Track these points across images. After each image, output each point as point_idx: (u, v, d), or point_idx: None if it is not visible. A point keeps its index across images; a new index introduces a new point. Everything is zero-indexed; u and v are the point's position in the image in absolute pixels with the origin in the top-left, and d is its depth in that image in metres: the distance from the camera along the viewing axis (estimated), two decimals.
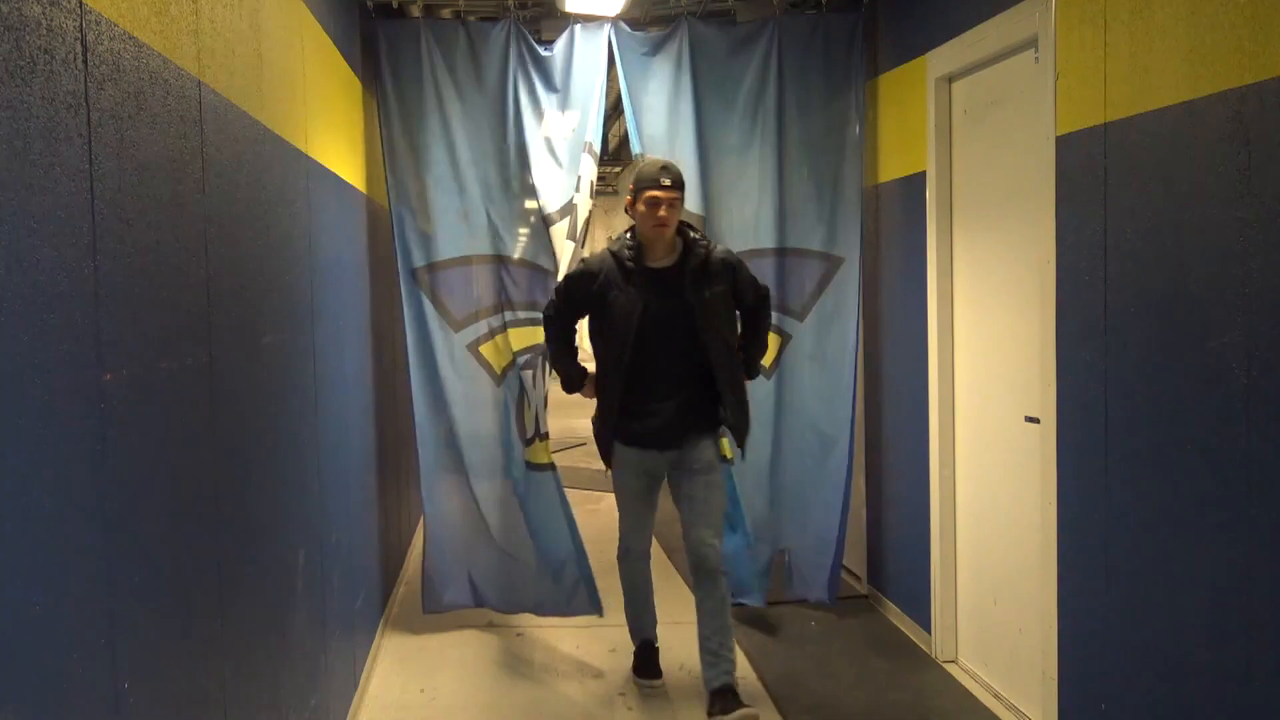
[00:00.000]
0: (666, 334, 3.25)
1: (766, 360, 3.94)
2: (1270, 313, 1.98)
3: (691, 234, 3.34)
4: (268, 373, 2.23)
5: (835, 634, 3.99)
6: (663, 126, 4.09)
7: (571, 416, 8.18)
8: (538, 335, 4.01)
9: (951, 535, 3.66)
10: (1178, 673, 2.29)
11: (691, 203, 4.03)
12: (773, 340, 3.92)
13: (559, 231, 4.02)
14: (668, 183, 3.22)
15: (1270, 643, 2.00)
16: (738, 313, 3.41)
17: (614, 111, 6.75)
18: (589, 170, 4.03)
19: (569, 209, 4.02)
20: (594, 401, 3.50)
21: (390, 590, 4.31)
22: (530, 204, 4.04)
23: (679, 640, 3.95)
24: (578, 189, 4.02)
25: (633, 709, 3.39)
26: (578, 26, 4.05)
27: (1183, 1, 2.21)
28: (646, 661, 3.60)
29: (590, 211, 4.10)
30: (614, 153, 9.94)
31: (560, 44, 4.06)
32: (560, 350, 3.54)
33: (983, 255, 3.43)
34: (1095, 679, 2.63)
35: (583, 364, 3.56)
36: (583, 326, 3.59)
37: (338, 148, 3.27)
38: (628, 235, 3.35)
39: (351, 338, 3.45)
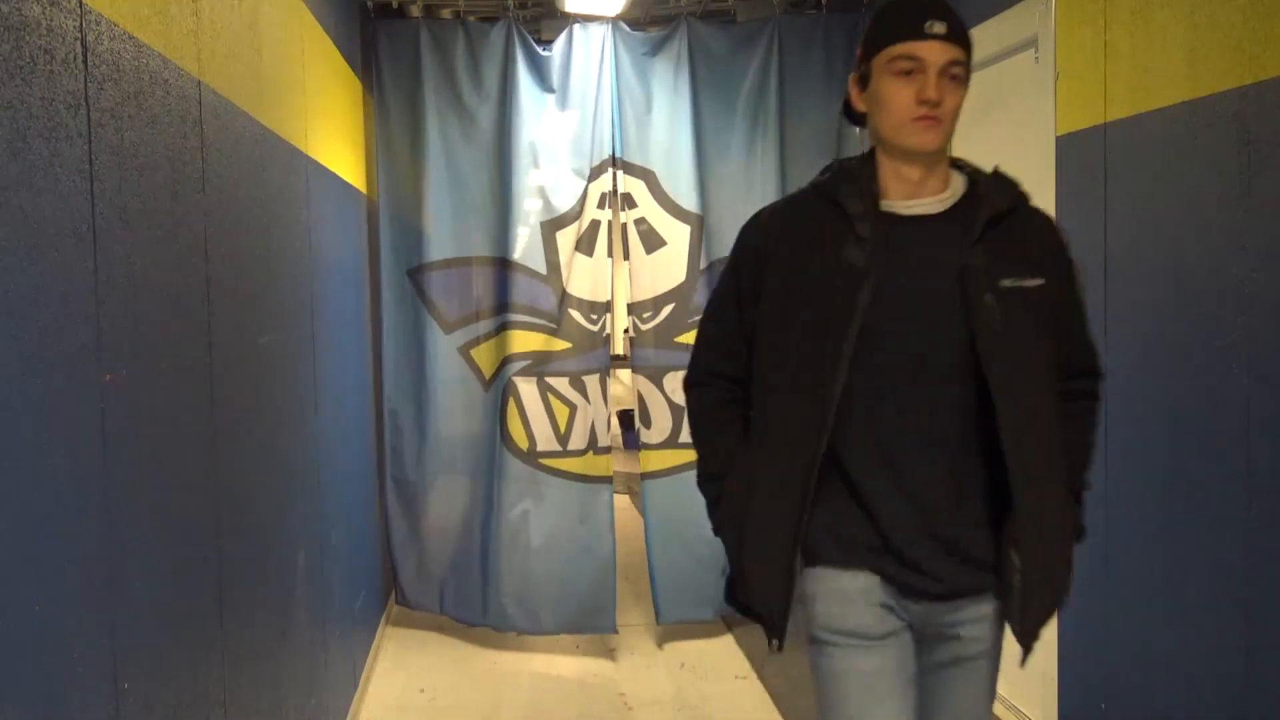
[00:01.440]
0: (921, 349, 1.60)
1: None
2: (1270, 313, 1.98)
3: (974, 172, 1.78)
4: (267, 373, 2.23)
5: None
6: (662, 127, 4.09)
7: None
8: (536, 341, 3.99)
9: None
10: (1178, 673, 2.29)
11: (690, 202, 4.03)
12: None
13: (565, 237, 4.00)
14: (940, 29, 1.56)
15: (1270, 643, 2.00)
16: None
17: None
18: (605, 181, 4.02)
19: (577, 215, 3.99)
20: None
21: (390, 590, 4.31)
22: (529, 205, 4.03)
23: (679, 635, 3.95)
24: (587, 198, 3.99)
25: (632, 709, 3.39)
26: (576, 26, 4.05)
27: (1183, 1, 2.21)
28: None
29: (611, 225, 4.05)
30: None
31: (559, 44, 4.05)
32: (713, 432, 1.80)
33: None
34: (1095, 679, 2.63)
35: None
36: None
37: (338, 148, 3.27)
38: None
39: (352, 337, 3.45)
